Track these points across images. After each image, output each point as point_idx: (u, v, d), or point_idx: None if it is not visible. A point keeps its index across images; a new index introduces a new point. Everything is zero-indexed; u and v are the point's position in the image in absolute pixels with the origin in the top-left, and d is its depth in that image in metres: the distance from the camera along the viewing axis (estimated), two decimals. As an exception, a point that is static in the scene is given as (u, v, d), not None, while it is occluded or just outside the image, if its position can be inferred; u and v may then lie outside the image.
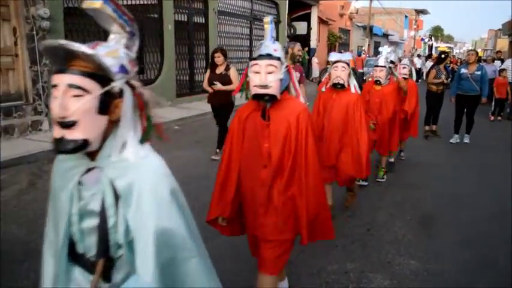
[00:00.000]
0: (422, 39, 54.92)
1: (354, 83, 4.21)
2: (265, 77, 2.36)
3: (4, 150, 6.60)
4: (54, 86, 1.33)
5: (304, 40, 23.90)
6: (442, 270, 3.69)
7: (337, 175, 4.38)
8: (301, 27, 24.01)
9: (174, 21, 12.28)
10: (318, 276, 3.53)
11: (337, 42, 29.56)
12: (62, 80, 1.32)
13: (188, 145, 7.90)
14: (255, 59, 2.44)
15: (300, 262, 3.72)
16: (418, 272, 3.66)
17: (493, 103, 12.76)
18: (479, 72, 8.61)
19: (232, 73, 6.92)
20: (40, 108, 8.39)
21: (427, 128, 9.49)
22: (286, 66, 2.54)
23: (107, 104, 1.35)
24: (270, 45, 2.46)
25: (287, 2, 19.86)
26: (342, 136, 4.20)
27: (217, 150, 6.98)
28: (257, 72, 2.40)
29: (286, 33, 20.56)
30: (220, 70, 6.92)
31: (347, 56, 4.28)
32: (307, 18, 24.34)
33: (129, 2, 10.88)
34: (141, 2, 11.38)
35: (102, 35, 10.48)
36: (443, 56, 9.55)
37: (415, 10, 54.01)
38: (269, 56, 2.40)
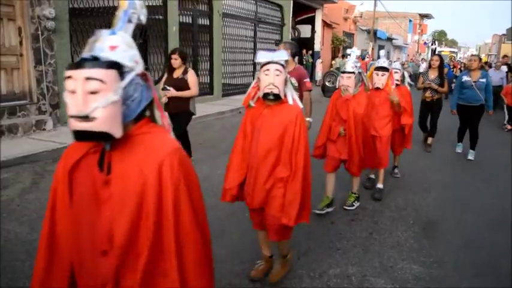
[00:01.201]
0: (425, 43, 54.86)
1: (291, 93, 3.10)
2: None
3: (8, 149, 6.62)
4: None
5: (308, 43, 23.95)
6: (445, 275, 3.68)
7: (264, 222, 3.22)
8: (305, 30, 24.03)
9: (179, 23, 12.32)
10: (319, 280, 3.53)
11: (341, 45, 29.57)
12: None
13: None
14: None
15: (301, 266, 3.72)
16: (420, 276, 3.64)
17: (506, 112, 11.87)
18: (483, 80, 7.73)
19: (190, 77, 6.12)
20: (44, 108, 8.42)
21: (429, 141, 8.65)
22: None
23: None
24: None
25: (291, 4, 19.87)
26: (274, 168, 3.03)
27: None
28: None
29: (290, 36, 20.56)
30: (177, 74, 6.16)
31: (281, 55, 3.03)
32: (311, 21, 24.34)
33: (134, 3, 10.88)
34: (146, 3, 11.35)
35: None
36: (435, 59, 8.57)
37: (419, 14, 53.97)
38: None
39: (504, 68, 14.59)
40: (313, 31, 24.56)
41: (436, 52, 31.43)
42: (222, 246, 4.00)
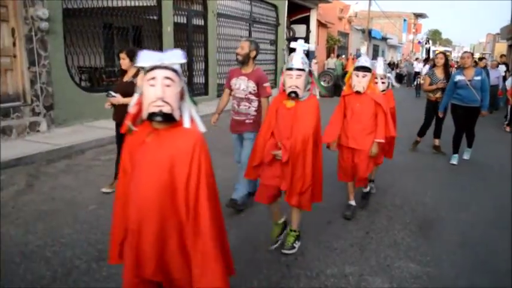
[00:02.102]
0: (419, 42, 54.99)
1: (189, 111, 2.20)
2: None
3: (2, 151, 6.57)
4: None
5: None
6: (441, 274, 3.68)
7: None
8: (300, 30, 24.03)
9: (173, 23, 12.28)
10: (316, 280, 3.52)
11: (336, 45, 29.58)
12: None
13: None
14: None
15: (298, 265, 3.71)
16: (417, 275, 3.64)
17: (509, 112, 11.37)
18: (478, 78, 7.15)
19: (141, 81, 5.53)
20: (38, 109, 8.37)
21: (418, 139, 8.48)
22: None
23: None
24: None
25: (286, 4, 19.88)
26: (165, 224, 2.08)
27: (113, 181, 5.32)
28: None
29: (285, 36, 20.56)
30: (127, 77, 5.26)
31: (174, 57, 2.10)
32: (306, 21, 24.36)
33: (128, 4, 10.86)
34: (140, 4, 11.37)
35: (101, 36, 10.49)
36: (436, 56, 8.32)
37: (414, 14, 54.12)
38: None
39: (503, 67, 14.28)
40: (308, 31, 24.58)
41: (431, 51, 31.51)
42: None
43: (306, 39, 24.20)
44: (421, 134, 8.44)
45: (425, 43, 52.01)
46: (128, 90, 4.96)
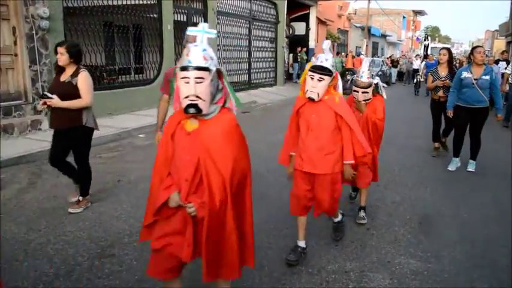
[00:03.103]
0: (417, 38, 54.93)
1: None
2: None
3: (4, 149, 6.59)
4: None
5: (303, 40, 23.97)
6: (442, 269, 3.70)
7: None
8: (299, 28, 24.04)
9: (174, 21, 12.30)
10: (318, 276, 3.54)
11: (336, 42, 29.60)
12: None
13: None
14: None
15: (300, 261, 3.73)
16: (418, 271, 3.67)
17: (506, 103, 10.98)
18: (487, 77, 6.34)
19: (81, 81, 4.48)
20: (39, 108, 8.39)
21: (436, 145, 7.88)
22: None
23: None
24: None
25: (286, 2, 19.87)
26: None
27: (80, 199, 4.84)
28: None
29: (284, 33, 20.57)
30: (65, 76, 4.54)
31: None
32: (305, 18, 24.38)
33: (129, 2, 10.87)
34: (141, 2, 11.38)
35: (101, 35, 10.50)
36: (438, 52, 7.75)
37: (413, 11, 54.18)
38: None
39: (503, 64, 13.92)
40: (307, 28, 24.60)
41: (429, 48, 31.37)
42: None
43: (306, 37, 24.26)
44: (435, 139, 7.88)
45: (424, 40, 52.07)
46: (66, 91, 4.43)
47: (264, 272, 3.56)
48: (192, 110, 2.25)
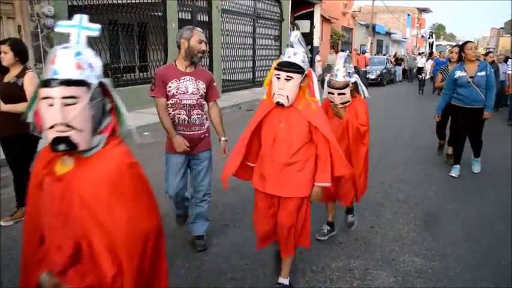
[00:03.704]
0: (422, 36, 54.74)
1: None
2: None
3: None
4: None
5: (307, 38, 23.93)
6: (446, 267, 3.70)
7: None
8: (304, 26, 24.02)
9: (178, 19, 12.31)
10: (322, 274, 3.55)
11: (340, 40, 29.56)
12: None
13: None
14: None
15: (304, 259, 3.74)
16: (422, 269, 3.67)
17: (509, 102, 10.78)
18: (483, 74, 5.93)
19: (27, 83, 4.04)
20: (44, 106, 8.43)
21: (441, 142, 7.54)
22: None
23: None
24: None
25: (290, 0, 19.86)
26: None
27: (15, 210, 4.54)
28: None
29: (289, 31, 20.54)
30: (9, 77, 4.12)
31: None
32: (310, 16, 24.37)
33: (133, 0, 10.90)
34: (145, 0, 11.41)
35: (106, 33, 10.52)
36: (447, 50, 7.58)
37: (418, 8, 53.98)
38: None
39: (510, 62, 13.72)
40: (312, 26, 24.59)
41: (434, 46, 31.26)
42: (224, 242, 4.04)
43: (310, 35, 24.23)
44: (441, 137, 7.53)
45: (429, 37, 51.94)
46: (11, 93, 4.01)
47: (268, 269, 3.58)
48: (61, 147, 1.51)
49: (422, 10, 55.92)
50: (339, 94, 3.75)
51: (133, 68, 12.27)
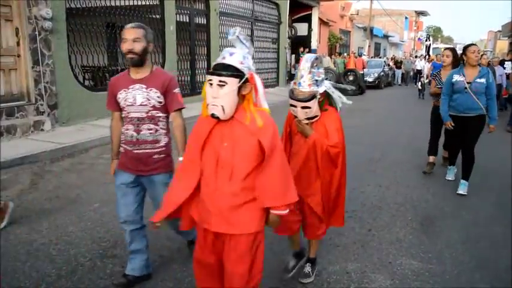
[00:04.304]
0: (419, 39, 54.84)
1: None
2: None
3: (6, 150, 6.61)
4: None
5: (305, 41, 23.97)
6: (443, 271, 3.70)
7: None
8: (302, 28, 24.05)
9: (176, 22, 12.33)
10: (319, 277, 3.54)
11: (338, 43, 29.61)
12: None
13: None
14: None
15: (301, 262, 3.73)
16: (419, 272, 3.67)
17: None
18: (482, 80, 5.42)
19: None
20: (42, 109, 8.42)
21: (431, 159, 6.81)
22: None
23: None
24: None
25: (288, 3, 19.90)
26: None
27: None
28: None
29: (287, 34, 20.59)
30: None
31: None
32: (308, 19, 24.38)
33: (131, 3, 10.90)
34: (143, 3, 11.41)
35: (104, 36, 10.52)
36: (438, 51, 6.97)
37: (415, 11, 54.13)
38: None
39: (509, 65, 13.36)
40: (309, 29, 24.61)
41: (431, 48, 31.23)
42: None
43: (308, 38, 24.27)
44: (431, 151, 6.84)
45: (426, 40, 52.03)
46: None
47: (265, 271, 3.56)
48: None
49: (420, 13, 56.08)
50: (303, 108, 3.01)
51: (131, 71, 12.27)
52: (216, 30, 14.42)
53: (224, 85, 2.23)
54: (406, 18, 50.57)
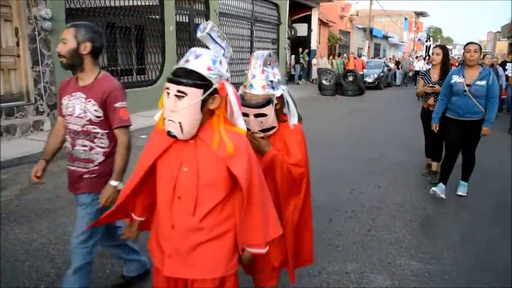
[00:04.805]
0: (419, 39, 54.85)
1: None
2: None
3: (6, 150, 6.62)
4: None
5: (305, 42, 23.99)
6: (443, 271, 3.70)
7: None
8: (301, 29, 24.08)
9: (176, 22, 12.33)
10: (318, 277, 3.55)
11: (338, 43, 29.62)
12: None
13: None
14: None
15: (301, 262, 3.74)
16: (418, 272, 3.67)
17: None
18: (483, 82, 5.07)
19: None
20: (42, 108, 8.42)
21: (429, 161, 6.46)
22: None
23: None
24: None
25: (288, 3, 19.91)
26: None
27: None
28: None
29: (286, 35, 20.60)
30: None
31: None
32: (307, 20, 24.42)
33: (131, 3, 10.90)
34: (143, 3, 11.41)
35: (103, 36, 10.51)
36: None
37: (415, 12, 54.15)
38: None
39: (509, 66, 12.94)
40: (309, 30, 24.65)
41: (431, 49, 31.11)
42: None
43: (308, 38, 24.30)
44: (428, 154, 6.54)
45: (426, 41, 51.98)
46: None
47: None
48: None
49: (420, 14, 56.09)
50: (257, 116, 2.33)
51: (131, 71, 12.26)
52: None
53: (183, 96, 1.76)
54: (405, 19, 50.58)
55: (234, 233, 1.97)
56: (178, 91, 1.75)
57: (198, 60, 1.80)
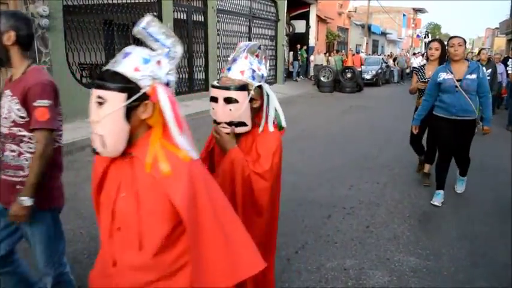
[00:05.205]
0: (418, 36, 54.84)
1: None
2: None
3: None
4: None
5: (303, 38, 23.97)
6: (441, 267, 3.71)
7: None
8: (300, 26, 24.06)
9: (173, 19, 12.31)
10: (317, 274, 3.55)
11: (336, 40, 29.61)
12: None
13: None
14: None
15: (299, 259, 3.74)
16: (417, 268, 3.68)
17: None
18: (473, 76, 4.75)
19: None
20: (39, 106, 8.40)
21: (426, 169, 6.01)
22: None
23: None
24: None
25: (286, 0, 19.89)
26: None
27: None
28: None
29: (284, 31, 20.59)
30: None
31: None
32: (305, 16, 24.42)
33: (129, 0, 10.88)
34: (141, 0, 11.39)
35: (101, 33, 10.50)
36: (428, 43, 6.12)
37: (413, 9, 54.16)
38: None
39: (511, 62, 12.72)
40: (307, 26, 24.64)
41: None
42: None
43: (306, 35, 24.29)
44: (418, 151, 6.24)
45: (425, 37, 51.91)
46: None
47: (264, 269, 3.57)
48: None
49: (418, 10, 56.11)
50: (227, 101, 2.06)
51: (129, 68, 12.27)
52: (213, 27, 14.41)
53: (102, 103, 1.45)
54: (404, 15, 50.57)
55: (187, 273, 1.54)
56: (98, 96, 1.45)
57: (126, 60, 1.48)
